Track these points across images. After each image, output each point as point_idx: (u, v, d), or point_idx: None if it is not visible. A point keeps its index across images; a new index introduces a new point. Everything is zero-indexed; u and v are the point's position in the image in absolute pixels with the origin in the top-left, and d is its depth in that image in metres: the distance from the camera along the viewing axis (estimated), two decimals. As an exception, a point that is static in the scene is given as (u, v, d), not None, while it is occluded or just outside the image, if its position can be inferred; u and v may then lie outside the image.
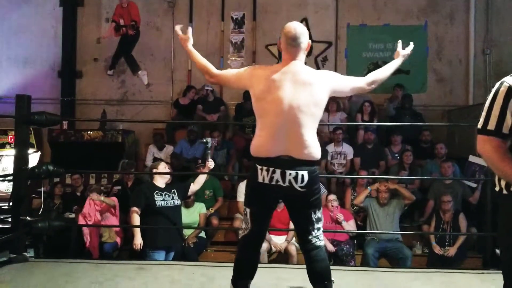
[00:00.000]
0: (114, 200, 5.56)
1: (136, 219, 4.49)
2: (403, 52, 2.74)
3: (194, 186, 4.82)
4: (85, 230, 5.35)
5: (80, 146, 7.14)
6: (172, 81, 8.16)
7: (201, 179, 4.86)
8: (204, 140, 4.54)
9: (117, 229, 5.54)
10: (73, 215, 5.79)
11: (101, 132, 7.26)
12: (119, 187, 6.07)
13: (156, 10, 8.20)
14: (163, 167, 4.69)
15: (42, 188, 4.87)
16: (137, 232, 4.52)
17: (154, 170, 4.65)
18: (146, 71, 8.20)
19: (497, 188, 1.86)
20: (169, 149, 7.02)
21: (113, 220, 5.50)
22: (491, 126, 1.78)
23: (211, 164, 4.50)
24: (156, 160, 6.85)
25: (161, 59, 8.18)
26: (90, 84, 8.25)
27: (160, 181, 4.60)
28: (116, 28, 8.21)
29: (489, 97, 1.82)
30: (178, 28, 2.64)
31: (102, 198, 5.45)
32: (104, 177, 6.90)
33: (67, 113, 7.82)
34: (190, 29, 2.61)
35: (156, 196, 4.49)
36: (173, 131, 7.59)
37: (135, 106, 8.15)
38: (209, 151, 4.53)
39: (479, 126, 1.82)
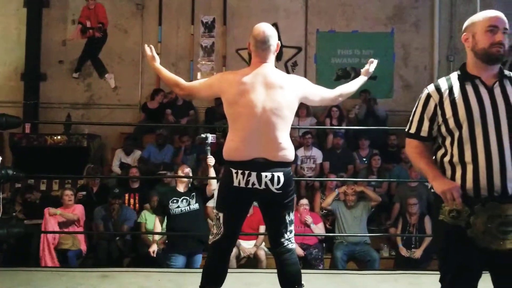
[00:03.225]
0: (76, 213, 5.36)
1: (157, 227, 4.90)
2: (371, 69, 2.81)
3: (211, 187, 4.62)
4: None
5: (43, 151, 6.86)
6: (140, 84, 8.00)
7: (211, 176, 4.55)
8: (203, 136, 4.12)
9: (82, 237, 5.37)
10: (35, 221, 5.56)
11: (65, 137, 7.04)
12: (84, 193, 5.91)
13: (124, 12, 8.03)
14: (187, 170, 4.72)
15: (1, 194, 4.67)
16: (154, 239, 4.88)
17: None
18: (113, 74, 8.03)
19: (430, 187, 1.96)
20: (137, 153, 6.87)
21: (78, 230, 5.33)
22: (412, 130, 1.96)
23: (210, 160, 4.25)
24: (123, 165, 6.72)
25: (129, 61, 8.01)
26: (54, 87, 7.99)
27: (181, 186, 4.67)
28: (82, 30, 8.01)
29: (416, 103, 1.98)
30: (147, 47, 2.65)
31: (59, 211, 5.26)
32: (68, 182, 6.69)
33: (30, 117, 7.53)
34: (153, 48, 2.65)
35: (171, 203, 4.55)
36: (141, 135, 7.45)
37: (101, 110, 7.95)
38: (209, 148, 4.18)
39: (406, 130, 2.00)
